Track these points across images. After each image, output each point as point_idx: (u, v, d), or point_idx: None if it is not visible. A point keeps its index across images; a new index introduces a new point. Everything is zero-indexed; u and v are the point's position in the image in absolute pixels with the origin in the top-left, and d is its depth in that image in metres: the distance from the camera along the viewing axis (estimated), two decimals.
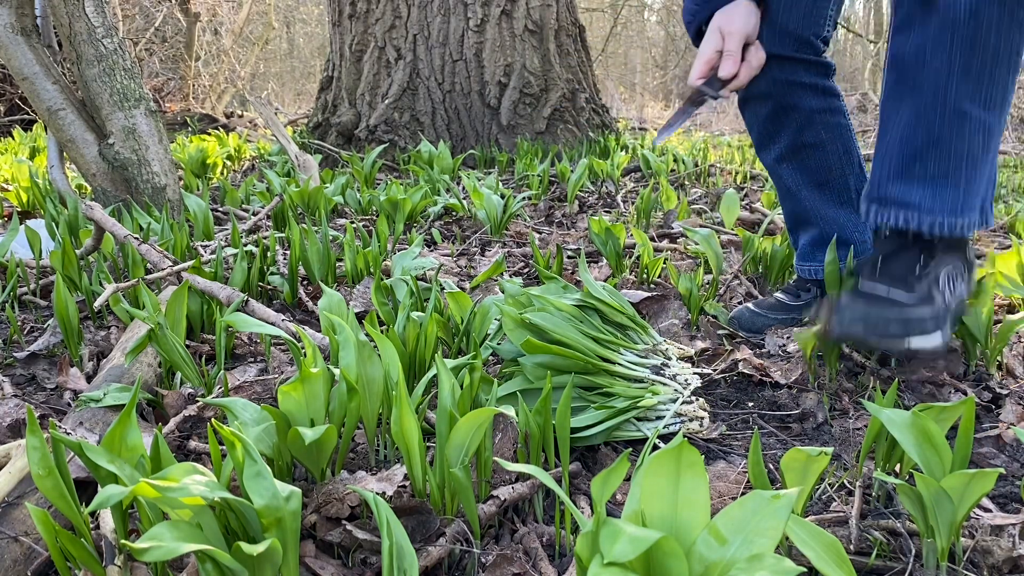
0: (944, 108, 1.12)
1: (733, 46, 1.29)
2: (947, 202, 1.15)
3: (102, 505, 0.70)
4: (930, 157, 1.15)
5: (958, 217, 1.16)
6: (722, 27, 1.28)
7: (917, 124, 1.15)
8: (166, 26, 10.10)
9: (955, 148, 1.14)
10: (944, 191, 1.15)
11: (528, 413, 0.96)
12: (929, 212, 1.16)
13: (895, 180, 1.19)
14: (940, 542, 0.79)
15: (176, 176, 2.84)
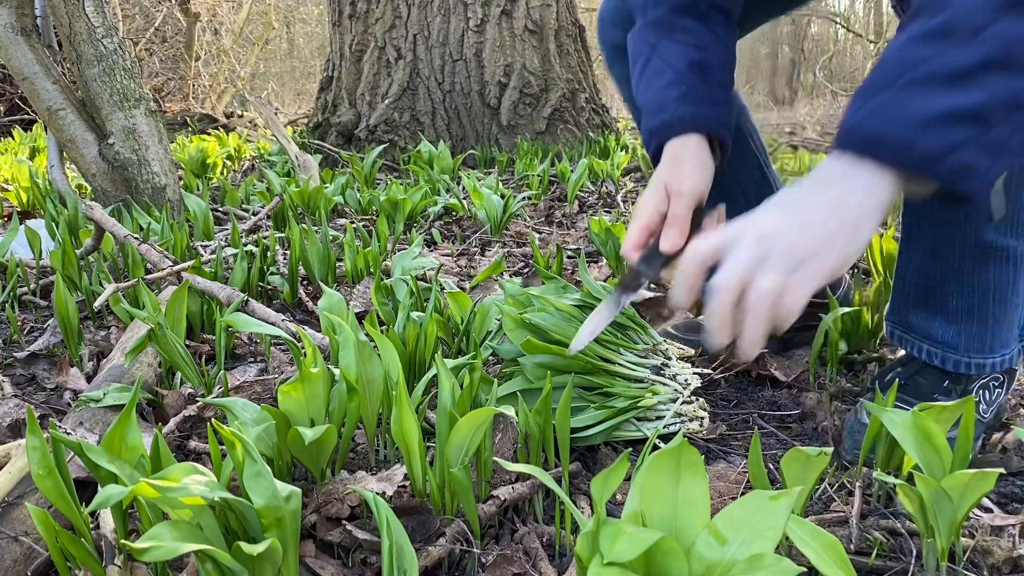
0: (964, 239, 0.99)
1: (681, 209, 0.96)
2: (974, 340, 1.02)
3: (102, 505, 0.70)
4: (949, 291, 1.01)
5: (987, 356, 1.03)
6: (668, 183, 0.97)
7: (935, 253, 1.01)
8: (166, 26, 10.10)
9: (978, 282, 1.00)
10: (970, 328, 1.02)
11: (528, 413, 0.96)
12: (954, 350, 1.03)
13: (916, 309, 1.06)
14: (940, 542, 0.79)
15: (176, 176, 2.84)
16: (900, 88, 0.72)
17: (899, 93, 0.72)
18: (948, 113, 0.69)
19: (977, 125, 0.69)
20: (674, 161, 1.00)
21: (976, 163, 0.70)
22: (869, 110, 0.73)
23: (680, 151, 1.00)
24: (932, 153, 0.69)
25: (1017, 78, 0.68)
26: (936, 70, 0.70)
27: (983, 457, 1.06)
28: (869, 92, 0.75)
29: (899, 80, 0.72)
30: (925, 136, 0.69)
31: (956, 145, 0.69)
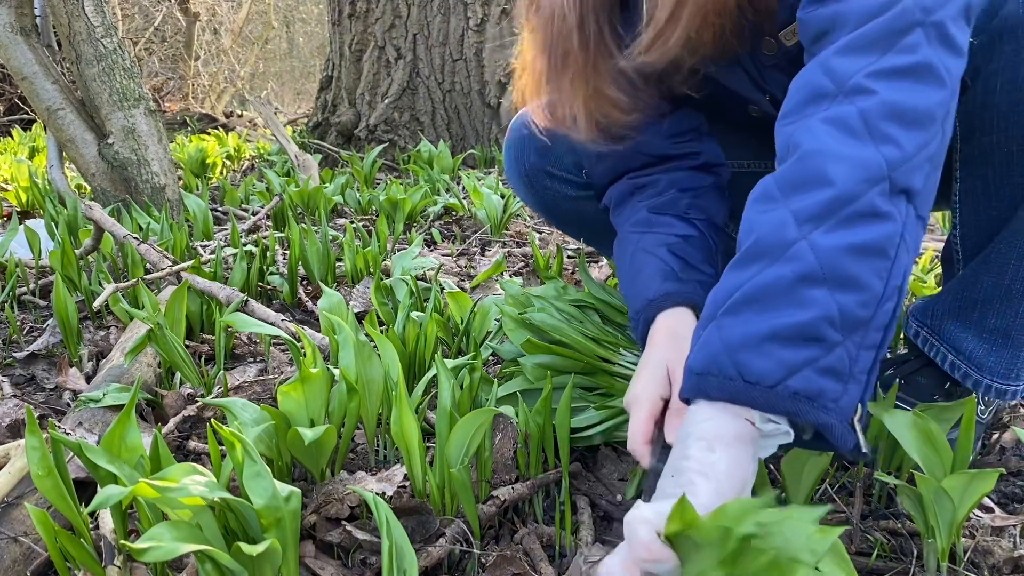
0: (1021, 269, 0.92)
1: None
2: (1002, 364, 0.97)
3: (101, 505, 0.70)
4: (992, 309, 0.95)
5: (1010, 384, 0.98)
6: (671, 363, 0.84)
7: (988, 265, 0.95)
8: (165, 26, 10.09)
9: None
10: (1002, 352, 0.96)
11: (528, 413, 0.96)
12: (979, 369, 0.97)
13: (951, 318, 1.00)
14: (940, 542, 0.79)
15: (175, 176, 2.84)
16: (722, 316, 0.66)
17: (723, 322, 0.66)
18: (774, 332, 0.62)
19: (812, 345, 0.62)
20: (671, 338, 0.88)
21: (820, 388, 0.62)
22: (700, 346, 0.67)
23: (675, 327, 0.90)
24: (766, 377, 0.62)
25: (842, 294, 0.63)
26: (753, 291, 0.65)
27: (983, 457, 1.06)
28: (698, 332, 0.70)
29: (721, 312, 0.67)
30: (754, 359, 0.62)
31: (792, 367, 0.62)
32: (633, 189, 1.09)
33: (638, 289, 0.97)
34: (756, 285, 0.65)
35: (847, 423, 0.63)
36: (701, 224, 1.02)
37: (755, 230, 0.68)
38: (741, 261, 0.68)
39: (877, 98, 0.66)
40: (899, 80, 0.67)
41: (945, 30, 0.68)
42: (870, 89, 0.67)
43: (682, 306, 0.92)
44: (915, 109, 0.66)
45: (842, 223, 0.64)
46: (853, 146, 0.65)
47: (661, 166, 1.08)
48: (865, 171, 0.65)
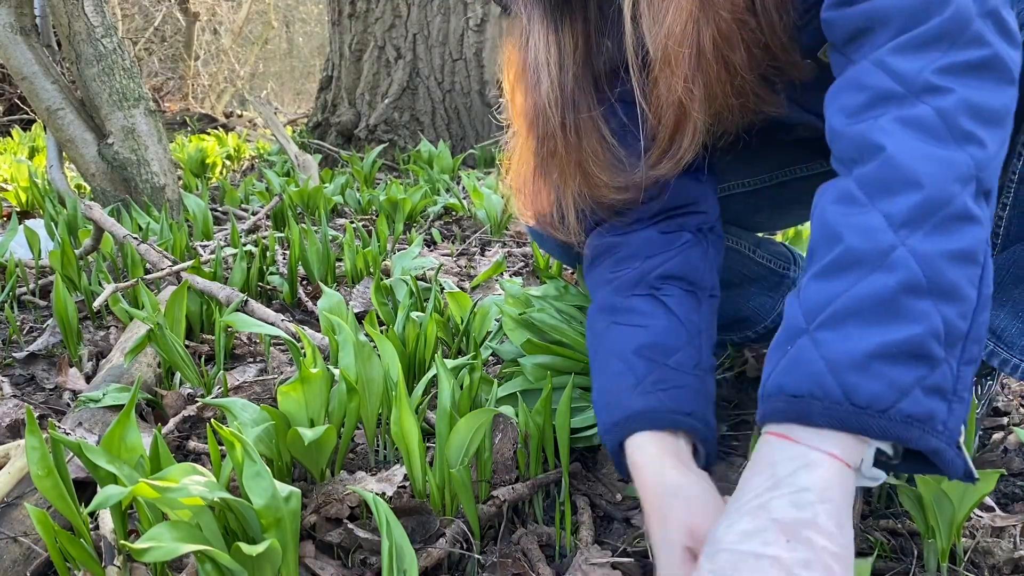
0: None
1: None
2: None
3: (101, 505, 0.70)
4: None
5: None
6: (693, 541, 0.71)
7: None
8: (165, 25, 10.09)
9: None
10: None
11: (528, 413, 0.96)
12: (1008, 348, 0.91)
13: None
14: (941, 543, 0.79)
15: (175, 176, 2.84)
16: (817, 331, 0.60)
17: (820, 338, 0.60)
18: (881, 350, 0.57)
19: (919, 364, 0.57)
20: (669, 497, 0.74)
21: (931, 411, 0.57)
22: (791, 364, 0.61)
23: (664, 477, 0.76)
24: (878, 400, 0.56)
25: (944, 305, 0.58)
26: (852, 303, 0.59)
27: (983, 457, 1.06)
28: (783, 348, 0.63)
29: (814, 325, 0.60)
30: (864, 380, 0.56)
31: (904, 388, 0.56)
32: (603, 249, 0.96)
33: (604, 398, 0.86)
34: (856, 296, 0.59)
35: (955, 446, 0.58)
36: (675, 302, 0.89)
37: (843, 235, 0.62)
38: (831, 269, 0.62)
39: (953, 96, 0.62)
40: (972, 76, 0.63)
41: (1001, 17, 0.65)
42: (943, 87, 0.62)
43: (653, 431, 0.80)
44: (992, 105, 0.63)
45: (938, 227, 0.59)
46: (937, 146, 0.61)
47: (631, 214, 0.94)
48: (955, 171, 0.60)
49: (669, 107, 0.80)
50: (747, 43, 0.77)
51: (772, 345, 0.65)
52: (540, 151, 0.91)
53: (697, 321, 0.90)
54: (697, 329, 0.89)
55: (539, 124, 0.89)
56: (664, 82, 0.79)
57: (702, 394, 0.85)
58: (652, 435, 0.80)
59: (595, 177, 0.89)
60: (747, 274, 1.18)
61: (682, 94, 0.78)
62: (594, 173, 0.89)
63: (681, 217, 0.94)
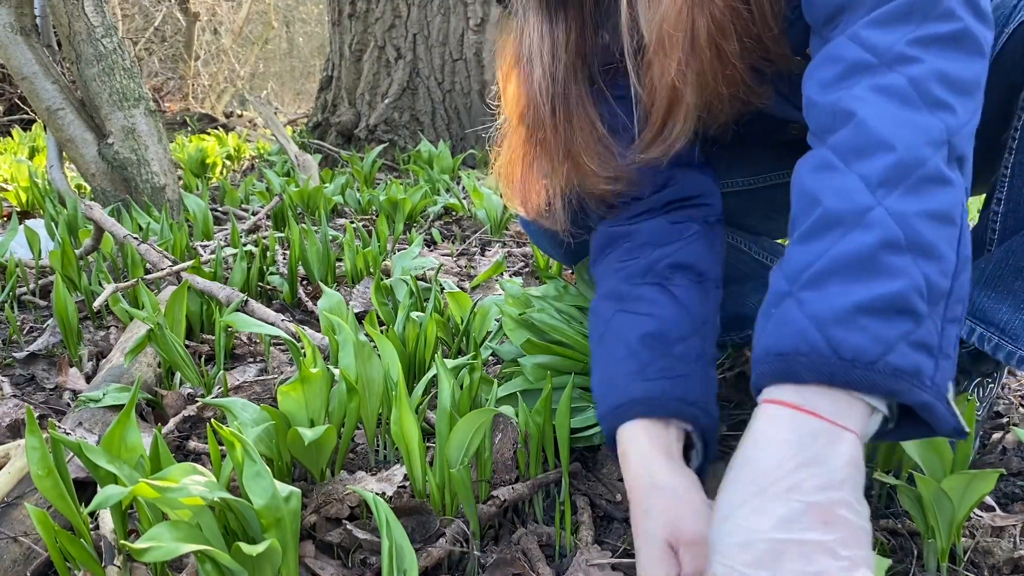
0: None
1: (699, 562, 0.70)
2: None
3: (101, 505, 0.70)
4: None
5: None
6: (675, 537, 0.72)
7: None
8: (165, 25, 10.09)
9: None
10: None
11: (528, 413, 0.96)
12: (1013, 340, 0.90)
13: (986, 287, 0.92)
14: (940, 542, 0.79)
15: (175, 176, 2.84)
16: (801, 291, 0.60)
17: (803, 297, 0.60)
18: (864, 305, 0.57)
19: (902, 318, 0.57)
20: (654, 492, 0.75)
21: (919, 364, 0.57)
22: (776, 325, 0.61)
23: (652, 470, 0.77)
24: (863, 355, 0.56)
25: (924, 262, 0.58)
26: (834, 261, 0.59)
27: (983, 457, 1.06)
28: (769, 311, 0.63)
29: (797, 286, 0.61)
30: (848, 334, 0.57)
31: (889, 342, 0.57)
32: (613, 238, 0.97)
33: (605, 384, 0.87)
34: (836, 255, 0.60)
35: (945, 402, 0.59)
36: (683, 291, 0.90)
37: (821, 199, 0.63)
38: (811, 232, 0.63)
39: (924, 65, 0.63)
40: (942, 48, 0.64)
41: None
42: (915, 57, 0.64)
43: (649, 419, 0.81)
44: (962, 76, 0.64)
45: (913, 188, 0.60)
46: (910, 111, 0.62)
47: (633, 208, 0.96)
48: (927, 135, 0.61)
49: (663, 89, 0.81)
50: (739, 32, 0.78)
51: (759, 314, 0.65)
52: (530, 140, 0.92)
53: (703, 312, 0.90)
54: (703, 319, 0.89)
55: (530, 113, 0.91)
56: (658, 65, 0.80)
57: (705, 384, 0.85)
58: (647, 425, 0.81)
59: (585, 166, 0.90)
60: (744, 270, 1.19)
61: (675, 76, 0.79)
62: (584, 163, 0.90)
63: (690, 208, 0.95)
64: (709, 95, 0.81)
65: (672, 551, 0.72)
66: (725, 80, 0.80)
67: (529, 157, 0.93)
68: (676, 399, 0.81)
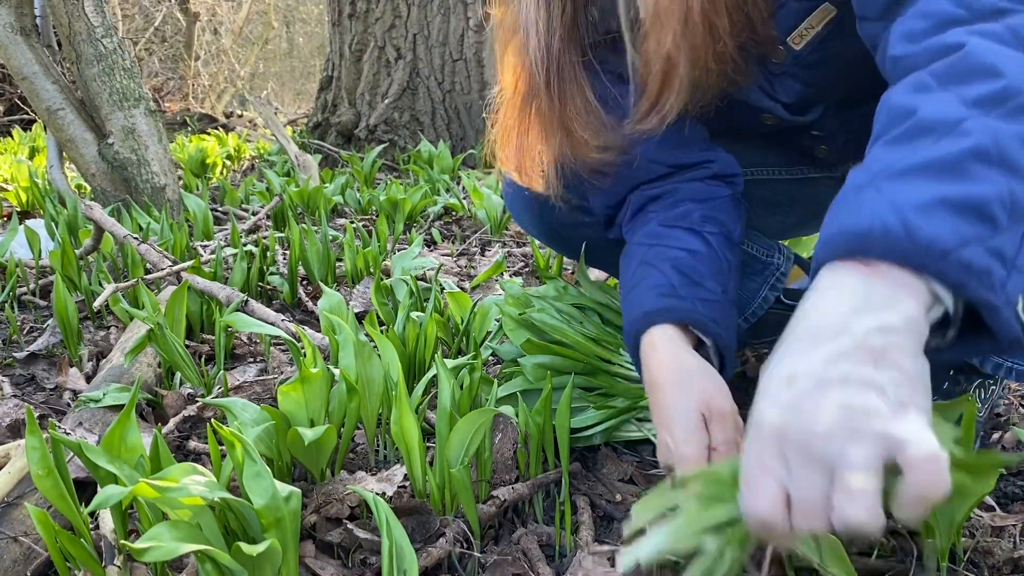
0: None
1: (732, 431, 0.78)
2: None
3: (102, 505, 0.70)
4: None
5: None
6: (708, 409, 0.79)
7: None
8: (165, 26, 10.09)
9: None
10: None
11: (528, 413, 0.96)
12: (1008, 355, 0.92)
13: None
14: (940, 542, 0.79)
15: (176, 176, 2.84)
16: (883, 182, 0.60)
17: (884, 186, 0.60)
18: (946, 200, 0.57)
19: (982, 222, 0.56)
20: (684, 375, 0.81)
21: (989, 267, 0.56)
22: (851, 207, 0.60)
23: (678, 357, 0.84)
24: (938, 243, 0.55)
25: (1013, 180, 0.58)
26: (921, 161, 0.59)
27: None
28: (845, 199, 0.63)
29: (879, 178, 0.61)
30: (926, 221, 0.56)
31: (964, 239, 0.56)
32: (647, 201, 1.01)
33: (634, 302, 0.92)
34: (924, 157, 0.59)
35: (1012, 310, 0.57)
36: (714, 239, 0.95)
37: (916, 109, 0.62)
38: (900, 138, 0.62)
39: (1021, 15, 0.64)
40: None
41: None
42: (1011, 9, 0.64)
43: (677, 324, 0.86)
44: None
45: (1012, 113, 0.60)
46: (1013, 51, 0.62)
47: (677, 176, 1.02)
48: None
49: (658, 61, 0.86)
50: (730, 10, 0.82)
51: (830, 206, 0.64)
52: (526, 108, 0.96)
53: (731, 259, 0.96)
54: (729, 265, 0.95)
55: (525, 82, 0.95)
56: (654, 37, 0.85)
57: (729, 316, 0.90)
58: (674, 329, 0.86)
59: (578, 136, 0.95)
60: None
61: (671, 48, 0.83)
62: (577, 132, 0.95)
63: (724, 182, 1.02)
64: (700, 70, 0.85)
65: (704, 424, 0.77)
66: (716, 56, 0.84)
67: (524, 124, 0.97)
68: (699, 313, 0.87)
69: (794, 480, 0.53)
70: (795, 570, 0.82)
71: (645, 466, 1.07)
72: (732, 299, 0.93)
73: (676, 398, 0.80)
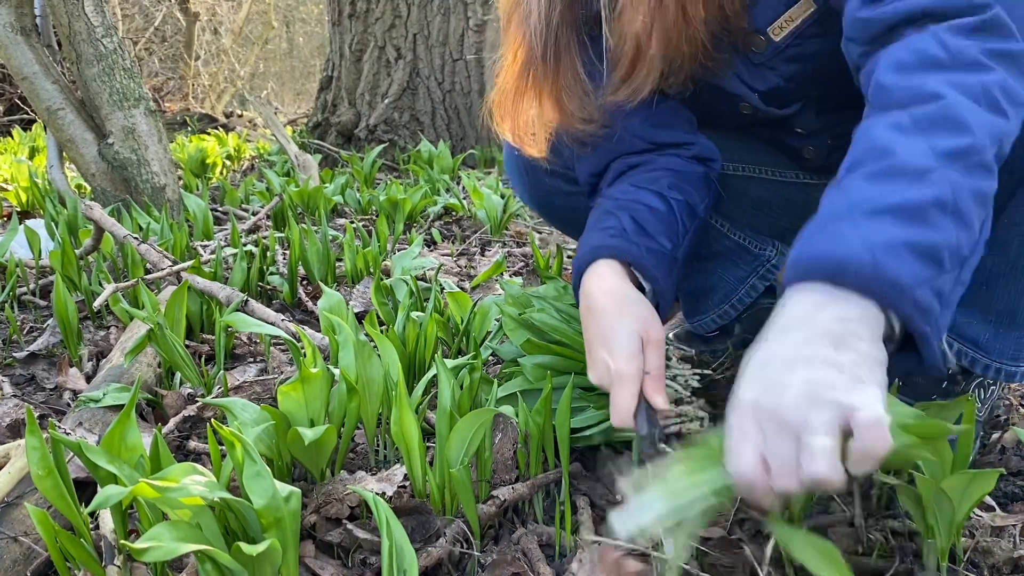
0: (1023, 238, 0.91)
1: (660, 359, 0.88)
2: (1010, 346, 0.97)
3: (101, 505, 0.70)
4: (997, 289, 0.95)
5: (1019, 364, 0.97)
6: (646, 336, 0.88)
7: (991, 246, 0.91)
8: (165, 25, 10.09)
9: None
10: (1009, 333, 0.96)
11: (528, 413, 0.96)
12: (986, 354, 0.97)
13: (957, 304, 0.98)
14: (940, 542, 0.79)
15: (175, 176, 2.84)
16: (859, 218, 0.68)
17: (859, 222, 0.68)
18: (910, 244, 0.66)
19: (933, 265, 0.66)
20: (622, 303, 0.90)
21: (931, 306, 0.66)
22: (827, 238, 0.68)
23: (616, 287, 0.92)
24: (900, 281, 0.64)
25: (960, 229, 0.67)
26: (893, 204, 0.67)
27: (983, 457, 1.06)
28: (821, 225, 0.70)
29: (854, 212, 0.69)
30: (893, 261, 0.65)
31: (919, 279, 0.65)
32: (626, 168, 1.09)
33: (586, 241, 1.00)
34: (896, 199, 0.68)
35: (939, 340, 0.68)
36: (677, 204, 1.03)
37: (895, 151, 0.70)
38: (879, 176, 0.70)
39: (996, 75, 0.72)
40: (1008, 64, 0.73)
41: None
42: (987, 66, 0.72)
43: (621, 261, 0.95)
44: (1018, 91, 0.73)
45: (970, 168, 0.69)
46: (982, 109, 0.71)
47: (657, 152, 1.09)
48: (993, 131, 0.70)
49: (630, 39, 0.93)
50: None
51: (807, 226, 0.72)
52: (523, 74, 1.04)
53: (688, 225, 1.03)
54: (686, 230, 1.02)
55: (524, 51, 1.03)
56: (627, 16, 0.92)
57: (669, 268, 0.99)
58: (619, 265, 0.95)
59: (566, 105, 1.03)
60: (718, 248, 1.22)
61: (640, 29, 0.91)
62: (565, 102, 1.03)
63: (704, 162, 1.10)
64: (672, 51, 0.93)
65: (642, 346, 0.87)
66: (687, 40, 0.92)
67: (521, 89, 1.05)
68: (647, 262, 0.95)
69: (769, 446, 0.62)
70: (795, 570, 0.82)
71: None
72: (679, 259, 1.01)
73: (618, 321, 0.88)
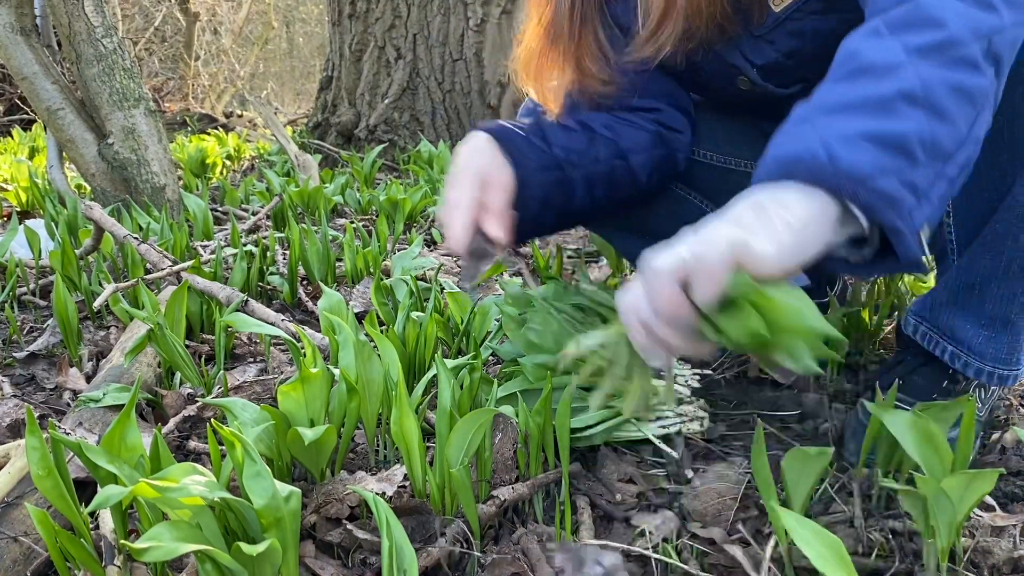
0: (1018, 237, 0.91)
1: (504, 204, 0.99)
2: (1002, 349, 0.97)
3: (101, 505, 0.70)
4: (990, 292, 0.94)
5: (1011, 368, 0.98)
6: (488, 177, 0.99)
7: (984, 248, 0.93)
8: (165, 26, 10.09)
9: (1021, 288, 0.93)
10: (1001, 336, 0.96)
11: (528, 413, 0.96)
12: (979, 357, 0.98)
13: (950, 307, 0.99)
14: (940, 542, 0.79)
15: (175, 176, 2.84)
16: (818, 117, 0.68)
17: (818, 120, 0.68)
18: (869, 133, 0.65)
19: (900, 156, 0.65)
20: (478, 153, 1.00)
21: (901, 196, 0.65)
22: (788, 137, 0.70)
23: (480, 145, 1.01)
24: (856, 171, 0.64)
25: (935, 122, 0.65)
26: (853, 99, 0.67)
27: (983, 457, 1.06)
28: (784, 130, 0.71)
29: (816, 113, 0.69)
30: (848, 151, 0.65)
31: (881, 169, 0.64)
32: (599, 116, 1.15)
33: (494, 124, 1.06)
34: (858, 95, 0.67)
35: (916, 236, 0.66)
36: (597, 135, 1.09)
37: (860, 53, 0.70)
38: (842, 76, 0.70)
39: None
40: None
41: None
42: None
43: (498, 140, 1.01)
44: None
45: (947, 63, 0.67)
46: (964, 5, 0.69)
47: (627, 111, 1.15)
48: (974, 24, 0.68)
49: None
50: None
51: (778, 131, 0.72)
52: (547, 36, 1.11)
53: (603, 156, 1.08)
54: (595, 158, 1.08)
55: (550, 14, 1.10)
56: None
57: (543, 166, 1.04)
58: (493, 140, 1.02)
59: (587, 67, 1.10)
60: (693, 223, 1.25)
61: None
62: (586, 64, 1.10)
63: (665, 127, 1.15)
64: (694, 9, 0.97)
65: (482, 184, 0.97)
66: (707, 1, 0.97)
67: (545, 51, 1.12)
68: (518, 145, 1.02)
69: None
70: (795, 570, 0.82)
71: (645, 466, 1.07)
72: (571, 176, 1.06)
73: (464, 165, 0.99)
